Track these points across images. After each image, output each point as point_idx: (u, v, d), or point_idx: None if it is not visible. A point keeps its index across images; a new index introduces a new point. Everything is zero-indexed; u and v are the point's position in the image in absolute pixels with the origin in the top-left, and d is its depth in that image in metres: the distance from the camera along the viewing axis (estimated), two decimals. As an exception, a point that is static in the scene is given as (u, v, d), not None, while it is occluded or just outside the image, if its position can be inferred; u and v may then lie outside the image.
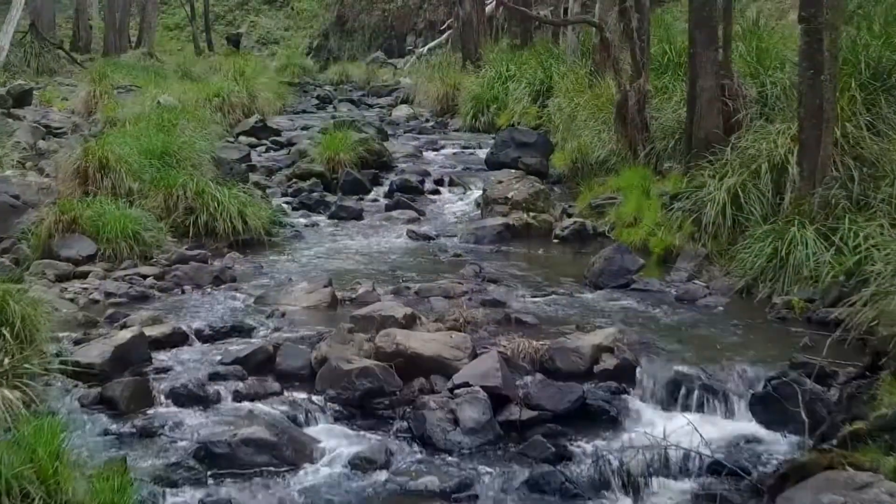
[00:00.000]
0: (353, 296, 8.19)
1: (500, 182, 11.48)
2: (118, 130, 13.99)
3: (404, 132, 18.63)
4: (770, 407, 6.12)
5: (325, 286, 8.11)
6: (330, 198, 12.66)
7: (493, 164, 13.95)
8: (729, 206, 9.28)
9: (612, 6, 15.48)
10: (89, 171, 10.48)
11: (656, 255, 9.75)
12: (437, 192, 13.34)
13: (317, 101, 24.68)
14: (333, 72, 38.36)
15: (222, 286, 8.57)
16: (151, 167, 10.88)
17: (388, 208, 12.10)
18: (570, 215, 11.72)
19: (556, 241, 10.81)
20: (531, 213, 11.10)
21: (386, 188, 13.29)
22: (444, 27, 36.27)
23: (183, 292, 8.45)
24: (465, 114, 19.02)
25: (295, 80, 28.63)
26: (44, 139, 14.85)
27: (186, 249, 9.72)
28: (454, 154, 16.30)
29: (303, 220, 11.65)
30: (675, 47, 14.83)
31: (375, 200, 12.93)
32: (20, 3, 20.71)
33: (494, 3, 31.01)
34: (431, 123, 19.66)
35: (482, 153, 16.03)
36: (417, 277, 8.97)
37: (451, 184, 13.60)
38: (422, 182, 13.39)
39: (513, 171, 11.85)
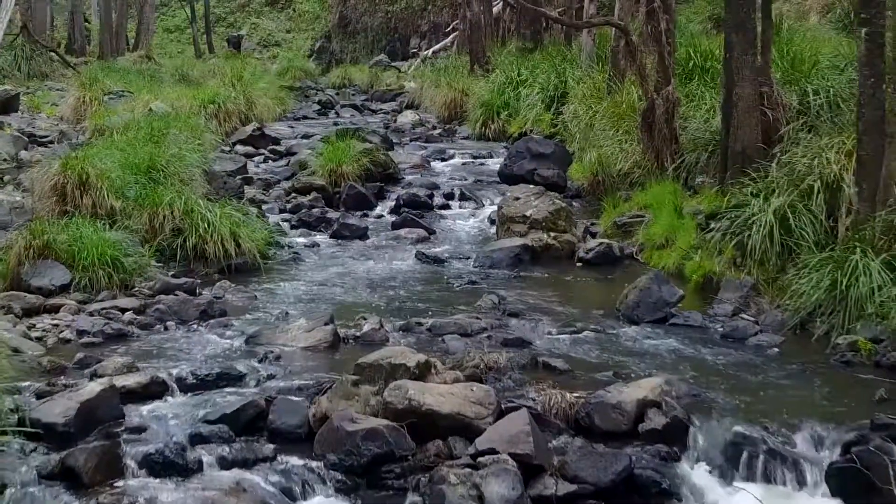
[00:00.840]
0: (358, 333, 7.23)
1: (517, 198, 10.51)
2: (104, 141, 13.08)
3: (410, 140, 17.68)
4: (852, 480, 5.17)
5: (326, 323, 7.15)
6: (332, 214, 11.71)
7: (506, 176, 13.00)
8: (777, 230, 8.32)
9: (634, 7, 14.55)
10: (68, 187, 9.54)
11: (694, 282, 8.79)
12: (447, 206, 12.39)
13: (318, 107, 23.74)
14: (336, 75, 37.46)
15: (210, 321, 7.61)
16: (136, 183, 9.92)
17: (395, 226, 11.14)
18: (593, 235, 10.77)
19: (579, 264, 9.85)
20: (552, 234, 10.15)
21: (392, 203, 12.34)
22: (449, 29, 35.35)
23: (165, 329, 7.49)
24: (474, 121, 18.07)
25: (296, 85, 27.65)
26: (26, 149, 13.90)
27: (172, 276, 8.77)
28: (464, 164, 15.35)
29: (302, 240, 10.70)
30: (700, 51, 13.95)
31: (381, 217, 11.98)
32: (9, 4, 19.79)
33: (501, 3, 30.20)
34: (439, 131, 18.71)
35: (494, 163, 15.10)
36: (429, 310, 8.02)
37: (463, 198, 12.66)
38: (430, 196, 12.45)
39: (530, 186, 10.88)
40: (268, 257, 9.72)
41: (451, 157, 15.87)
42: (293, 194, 12.29)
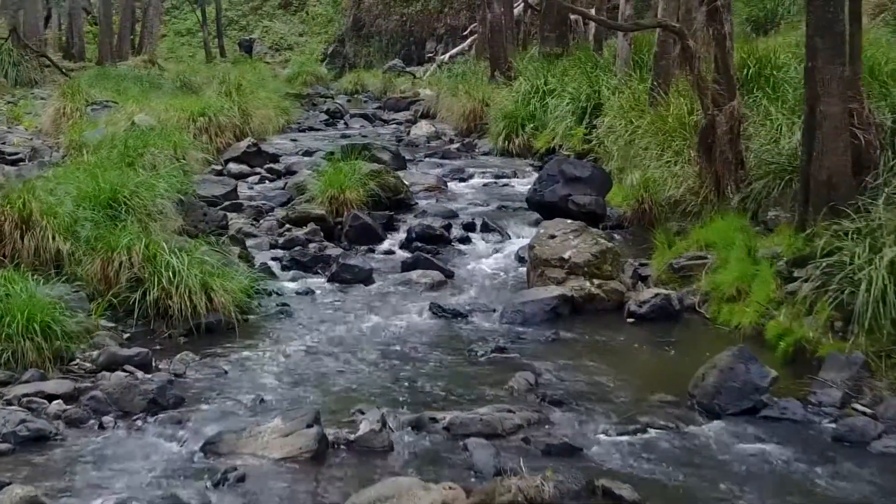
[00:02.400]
0: (352, 437, 5.44)
1: (552, 237, 8.69)
2: (72, 162, 11.37)
3: (425, 156, 15.88)
4: None
5: (309, 425, 5.35)
6: (332, 250, 9.92)
7: (536, 203, 11.18)
8: (893, 290, 6.46)
9: (679, 7, 12.71)
10: (5, 228, 7.77)
11: (782, 352, 6.94)
12: (467, 240, 10.58)
13: (326, 117, 21.99)
14: (348, 80, 35.83)
15: (160, 415, 5.82)
16: (91, 221, 8.15)
17: (406, 267, 9.33)
18: (643, 279, 8.95)
19: (630, 320, 8.01)
20: (595, 281, 8.32)
21: (403, 235, 10.55)
22: (466, 32, 33.62)
23: (101, 427, 5.71)
24: (495, 134, 16.26)
25: (304, 92, 25.93)
26: (-10, 170, 12.18)
27: (125, 343, 7.01)
28: (485, 186, 13.55)
29: (294, 286, 8.91)
30: (757, 56, 12.14)
31: (390, 253, 10.18)
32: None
33: (522, 5, 28.40)
34: (456, 145, 16.90)
35: (520, 185, 13.31)
36: (447, 395, 6.22)
37: (485, 229, 10.85)
38: (448, 227, 10.64)
39: (567, 221, 9.03)
40: (249, 311, 7.95)
41: (471, 176, 14.07)
42: (287, 226, 10.51)
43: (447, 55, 32.20)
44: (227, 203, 11.46)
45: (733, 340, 7.34)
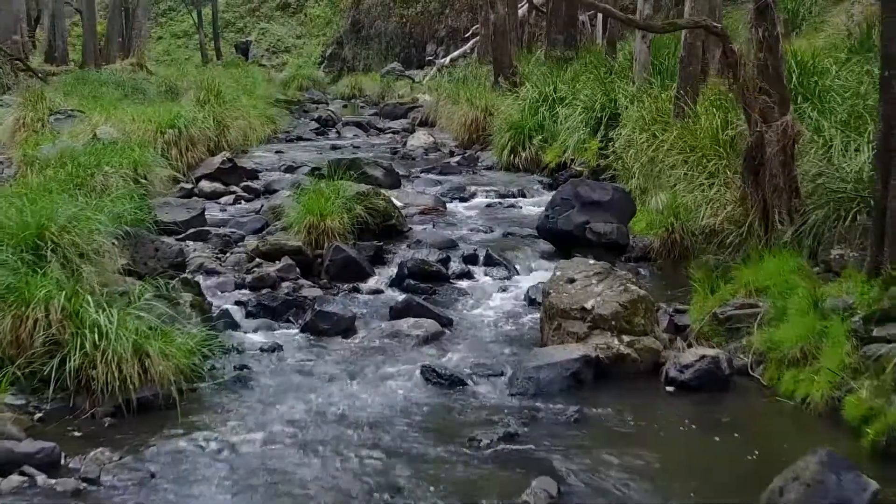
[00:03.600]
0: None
1: (571, 280, 7.16)
2: (14, 184, 9.88)
3: (422, 171, 14.35)
4: None
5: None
6: (308, 290, 8.40)
7: (548, 232, 9.66)
8: None
9: (707, 6, 11.19)
10: None
11: (870, 442, 5.40)
12: (468, 275, 9.07)
13: (316, 125, 20.45)
14: (345, 84, 34.50)
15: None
16: (8, 266, 6.61)
17: (396, 313, 7.79)
18: (679, 328, 7.42)
19: (670, 388, 6.48)
20: (625, 337, 6.78)
21: (394, 270, 9.04)
22: (468, 34, 32.15)
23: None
24: (500, 146, 14.75)
25: (295, 98, 24.39)
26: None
27: (30, 429, 5.48)
28: (489, 207, 12.03)
29: (258, 339, 7.38)
30: (799, 61, 10.65)
31: (377, 292, 8.65)
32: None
33: (527, 5, 26.91)
34: (457, 158, 15.37)
35: (528, 206, 11.81)
36: (441, 514, 4.69)
37: (489, 262, 9.32)
38: (446, 261, 9.12)
39: (590, 261, 7.50)
40: (198, 377, 6.41)
41: (473, 195, 12.55)
42: (257, 260, 8.97)
43: (448, 58, 30.79)
44: (191, 230, 9.96)
45: (803, 420, 5.86)
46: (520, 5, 24.81)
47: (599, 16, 22.55)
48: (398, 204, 11.41)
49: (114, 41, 34.08)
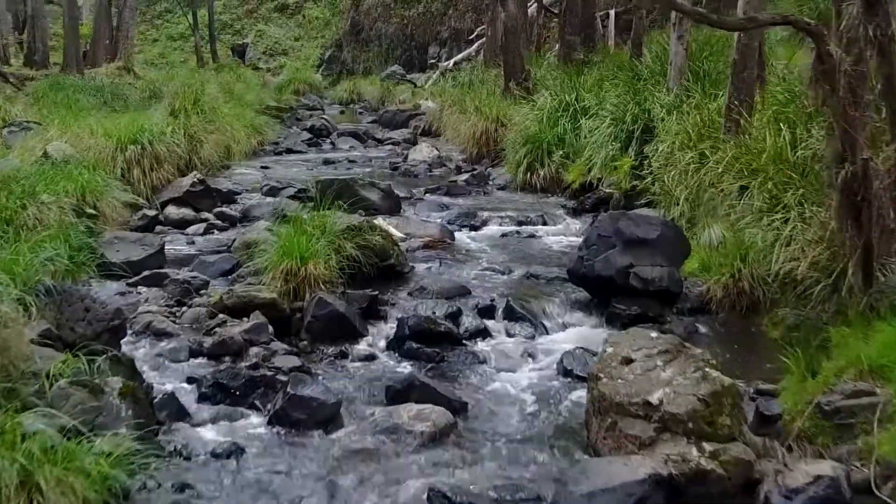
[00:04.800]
0: None
1: (628, 361, 5.35)
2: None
3: (426, 192, 12.52)
4: None
5: None
6: (283, 358, 6.57)
7: (583, 277, 7.83)
8: None
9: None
10: None
11: None
12: (484, 333, 7.24)
13: (309, 136, 18.60)
14: (343, 89, 32.76)
15: None
16: None
17: (394, 396, 5.97)
18: (767, 419, 5.62)
19: (773, 521, 4.66)
20: (706, 445, 4.95)
21: (392, 327, 7.23)
22: (473, 36, 30.37)
23: None
24: (514, 162, 12.94)
25: (286, 105, 22.56)
26: None
27: None
28: (504, 237, 10.22)
29: (213, 436, 5.57)
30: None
31: (370, 359, 6.83)
32: None
33: (535, 4, 25.15)
34: (465, 176, 13.52)
35: (550, 236, 10.06)
36: None
37: (510, 315, 7.49)
38: (456, 316, 7.30)
39: (652, 335, 5.65)
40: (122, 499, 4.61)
41: (485, 223, 10.74)
42: (220, 316, 7.13)
43: (451, 61, 29.06)
44: (145, 273, 8.15)
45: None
46: (528, 4, 23.01)
47: (611, 14, 20.79)
48: (397, 235, 9.61)
49: (101, 44, 32.30)
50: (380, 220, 10.00)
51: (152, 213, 10.31)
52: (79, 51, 28.50)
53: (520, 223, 10.67)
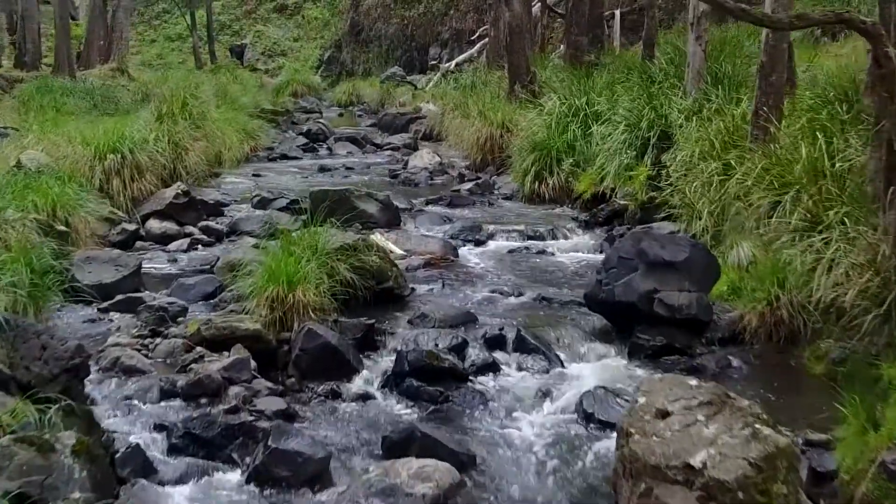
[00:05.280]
0: None
1: (664, 414, 4.58)
2: None
3: (427, 202, 11.77)
4: None
5: None
6: (266, 400, 5.81)
7: (602, 303, 7.06)
8: None
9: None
10: None
11: None
12: (492, 368, 6.47)
13: (305, 141, 17.83)
14: (342, 91, 32.06)
15: None
16: None
17: (391, 448, 5.22)
18: (820, 477, 4.85)
19: None
20: (759, 517, 4.20)
21: (389, 361, 6.47)
22: (475, 37, 29.63)
23: None
24: (521, 171, 12.18)
25: (282, 108, 21.78)
26: None
27: None
28: (512, 253, 9.46)
29: (182, 498, 4.80)
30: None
31: (366, 399, 6.08)
32: None
33: (539, 4, 24.41)
34: (469, 185, 12.76)
35: (562, 252, 9.29)
36: None
37: (521, 346, 6.72)
38: (461, 348, 6.54)
39: (691, 382, 4.88)
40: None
41: (491, 237, 9.98)
42: (198, 350, 6.37)
43: (453, 63, 28.33)
44: (119, 298, 7.40)
45: None
46: (531, 4, 22.26)
47: (617, 14, 20.05)
48: (397, 252, 8.87)
49: (94, 45, 31.55)
50: (378, 236, 9.27)
51: (132, 227, 9.55)
52: (70, 52, 27.72)
53: (528, 238, 9.91)
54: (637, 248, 7.00)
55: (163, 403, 5.84)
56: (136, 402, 5.81)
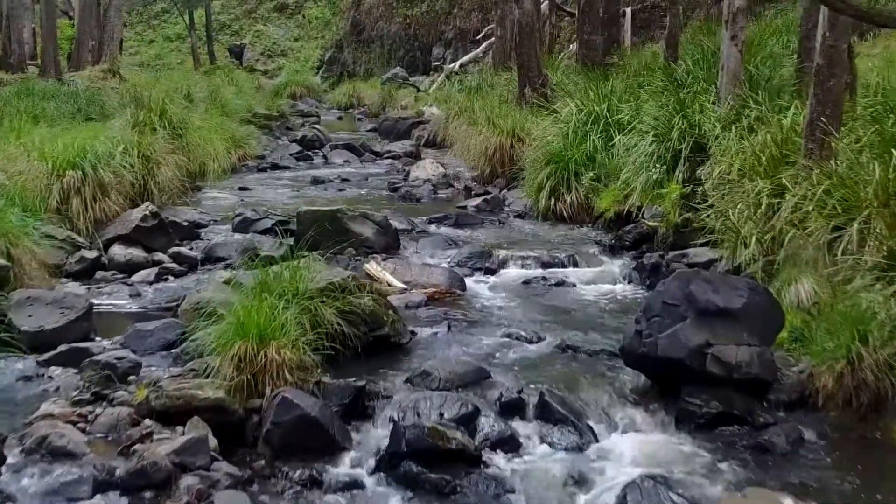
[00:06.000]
0: None
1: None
2: None
3: (430, 222, 10.53)
4: None
5: None
6: (224, 496, 4.58)
7: (643, 357, 5.82)
8: None
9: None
10: None
11: None
12: (509, 444, 5.24)
13: (299, 149, 16.58)
14: (342, 93, 30.93)
15: None
16: None
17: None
18: None
19: None
20: None
21: (384, 435, 5.24)
22: (480, 36, 28.45)
23: None
24: (534, 185, 10.95)
25: (277, 112, 20.54)
26: None
27: None
28: (528, 285, 8.22)
29: None
30: None
31: (351, 488, 4.86)
32: None
33: (547, 2, 23.26)
34: (477, 201, 11.51)
35: (585, 284, 8.11)
36: None
37: (544, 414, 5.49)
38: (471, 418, 5.32)
39: (785, 501, 3.67)
40: None
41: (503, 264, 8.74)
42: (147, 423, 5.14)
43: (457, 63, 27.17)
44: (62, 349, 6.17)
45: None
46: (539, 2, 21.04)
47: (627, 11, 18.83)
48: (396, 285, 7.66)
49: (85, 45, 30.34)
50: (373, 265, 8.06)
51: (92, 254, 8.32)
52: (57, 53, 26.52)
53: (545, 265, 8.68)
54: (685, 292, 5.76)
55: (96, 498, 4.61)
56: (61, 498, 4.58)
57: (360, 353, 6.14)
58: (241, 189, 12.57)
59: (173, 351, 6.28)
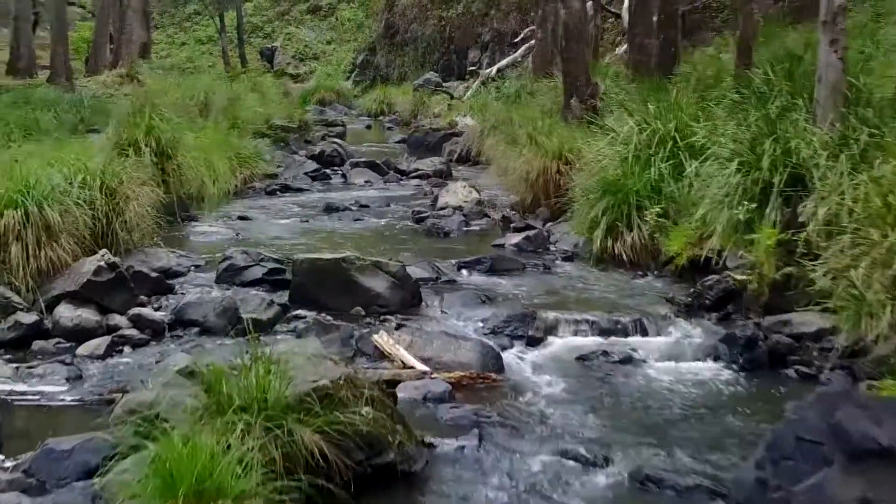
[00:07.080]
0: None
1: None
2: None
3: (458, 266, 8.61)
4: None
5: None
6: None
7: (765, 521, 3.92)
8: None
9: None
10: None
11: None
12: None
13: (315, 166, 14.77)
14: (372, 99, 29.30)
15: None
16: None
17: None
18: None
19: None
20: None
21: None
22: (518, 39, 26.61)
23: None
24: (587, 220, 9.02)
25: (297, 122, 18.77)
26: None
27: None
28: (584, 363, 6.34)
29: None
30: None
31: None
32: None
33: (591, 2, 21.32)
34: (516, 239, 9.56)
35: (658, 362, 6.18)
36: None
37: None
38: None
39: None
40: None
41: (550, 331, 6.82)
42: None
43: (494, 68, 25.41)
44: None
45: None
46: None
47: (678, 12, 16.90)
48: (417, 368, 5.83)
49: (102, 49, 28.89)
50: (383, 337, 6.23)
51: (30, 318, 6.55)
52: (68, 57, 25.04)
53: (604, 332, 6.77)
54: (832, 428, 3.86)
55: None
56: None
57: (351, 490, 4.30)
58: (240, 218, 10.77)
59: (94, 483, 4.46)
